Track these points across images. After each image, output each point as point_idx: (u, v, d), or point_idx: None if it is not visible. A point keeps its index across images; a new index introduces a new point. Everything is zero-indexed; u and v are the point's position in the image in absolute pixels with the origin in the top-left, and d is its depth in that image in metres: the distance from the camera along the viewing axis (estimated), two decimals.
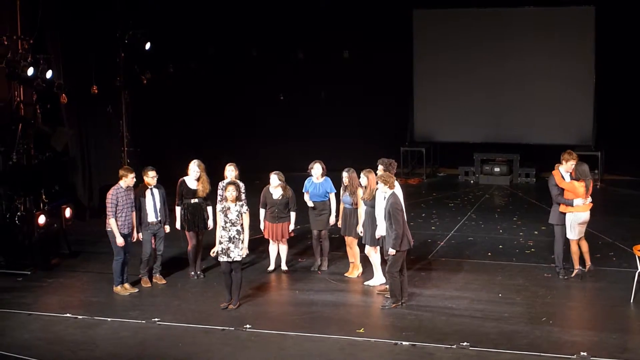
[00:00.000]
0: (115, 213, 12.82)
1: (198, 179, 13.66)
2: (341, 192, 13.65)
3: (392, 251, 11.80)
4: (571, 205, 13.02)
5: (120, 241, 12.83)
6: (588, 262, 13.27)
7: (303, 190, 14.11)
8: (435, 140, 23.74)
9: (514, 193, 21.16)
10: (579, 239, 13.17)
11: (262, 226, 13.99)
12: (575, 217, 13.07)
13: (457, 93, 23.10)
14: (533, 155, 22.66)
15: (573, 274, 13.25)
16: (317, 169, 13.99)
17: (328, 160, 14.30)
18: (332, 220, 14.04)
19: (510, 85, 22.67)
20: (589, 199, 13.07)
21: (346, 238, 13.70)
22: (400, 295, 12.10)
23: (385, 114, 23.18)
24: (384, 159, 13.14)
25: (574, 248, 13.20)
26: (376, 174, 12.84)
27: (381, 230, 12.41)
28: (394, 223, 11.73)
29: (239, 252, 12.02)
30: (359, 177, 13.21)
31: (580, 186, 13.00)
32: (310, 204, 14.00)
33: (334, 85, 23.09)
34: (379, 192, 12.32)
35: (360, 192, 13.21)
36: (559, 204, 13.15)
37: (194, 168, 13.65)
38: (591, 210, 13.22)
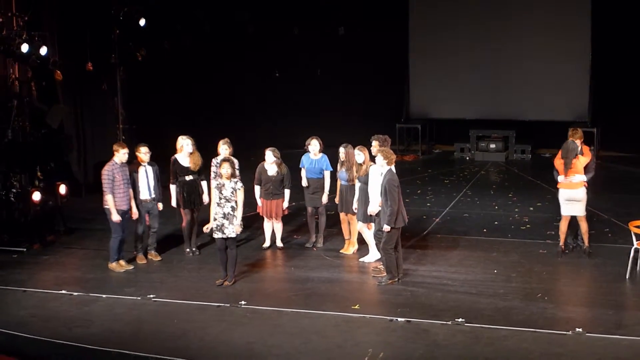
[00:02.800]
0: (113, 189, 12.72)
1: (190, 154, 13.56)
2: (338, 167, 13.55)
3: (387, 227, 11.71)
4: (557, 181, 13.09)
5: (116, 218, 12.73)
6: (586, 243, 13.16)
7: (300, 166, 14.02)
8: (431, 116, 23.67)
9: (509, 169, 21.12)
10: (579, 218, 12.99)
11: (259, 203, 13.89)
12: (560, 193, 13.07)
13: (453, 69, 23.00)
14: (529, 131, 22.63)
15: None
16: (314, 145, 13.88)
17: (323, 137, 14.17)
18: (324, 199, 13.93)
19: (506, 61, 22.56)
20: (574, 177, 12.82)
21: (344, 215, 13.61)
22: (397, 272, 12.03)
23: (381, 91, 23.12)
24: (378, 135, 13.02)
25: (560, 224, 13.17)
26: (369, 151, 12.77)
27: (374, 206, 12.32)
28: (389, 199, 11.64)
29: (233, 229, 11.94)
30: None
31: (559, 163, 12.95)
32: (304, 181, 13.91)
33: (330, 62, 22.96)
34: (375, 167, 12.23)
35: (354, 168, 13.11)
36: None
37: (187, 142, 13.52)
38: (588, 187, 13.07)
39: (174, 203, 13.71)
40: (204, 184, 13.73)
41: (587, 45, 21.65)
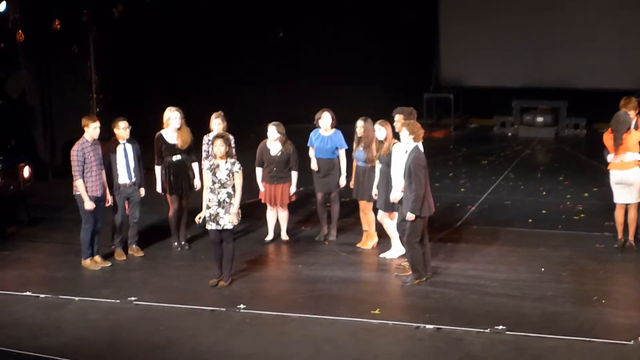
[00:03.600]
0: (83, 172, 12.76)
1: (178, 129, 13.59)
2: (354, 146, 13.56)
3: (410, 216, 11.72)
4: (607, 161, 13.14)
5: (89, 206, 12.78)
6: (630, 235, 13.19)
7: (308, 144, 14.06)
8: (466, 84, 23.61)
9: (560, 148, 21.10)
10: (629, 206, 13.02)
11: (261, 188, 13.93)
12: (610, 175, 13.11)
13: (493, 29, 22.94)
14: (583, 102, 22.51)
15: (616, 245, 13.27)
16: (325, 118, 13.90)
17: (337, 110, 14.18)
18: (342, 182, 13.99)
19: (556, 19, 22.48)
20: (625, 156, 12.80)
21: (359, 202, 13.66)
22: (424, 270, 12.07)
23: (406, 54, 23.02)
24: (402, 108, 13.02)
25: (616, 214, 13.20)
26: (392, 126, 12.78)
27: (397, 192, 12.35)
28: (414, 182, 11.64)
29: (229, 219, 11.98)
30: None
31: (609, 139, 12.95)
32: (314, 161, 13.95)
33: (344, 20, 22.90)
34: (399, 145, 12.24)
35: (373, 146, 13.11)
36: None
37: (174, 115, 13.53)
38: None
39: (159, 188, 13.76)
40: (194, 165, 13.76)
41: None
